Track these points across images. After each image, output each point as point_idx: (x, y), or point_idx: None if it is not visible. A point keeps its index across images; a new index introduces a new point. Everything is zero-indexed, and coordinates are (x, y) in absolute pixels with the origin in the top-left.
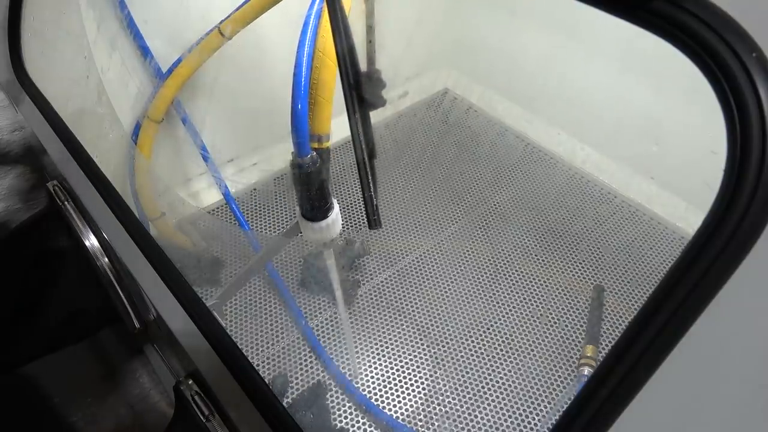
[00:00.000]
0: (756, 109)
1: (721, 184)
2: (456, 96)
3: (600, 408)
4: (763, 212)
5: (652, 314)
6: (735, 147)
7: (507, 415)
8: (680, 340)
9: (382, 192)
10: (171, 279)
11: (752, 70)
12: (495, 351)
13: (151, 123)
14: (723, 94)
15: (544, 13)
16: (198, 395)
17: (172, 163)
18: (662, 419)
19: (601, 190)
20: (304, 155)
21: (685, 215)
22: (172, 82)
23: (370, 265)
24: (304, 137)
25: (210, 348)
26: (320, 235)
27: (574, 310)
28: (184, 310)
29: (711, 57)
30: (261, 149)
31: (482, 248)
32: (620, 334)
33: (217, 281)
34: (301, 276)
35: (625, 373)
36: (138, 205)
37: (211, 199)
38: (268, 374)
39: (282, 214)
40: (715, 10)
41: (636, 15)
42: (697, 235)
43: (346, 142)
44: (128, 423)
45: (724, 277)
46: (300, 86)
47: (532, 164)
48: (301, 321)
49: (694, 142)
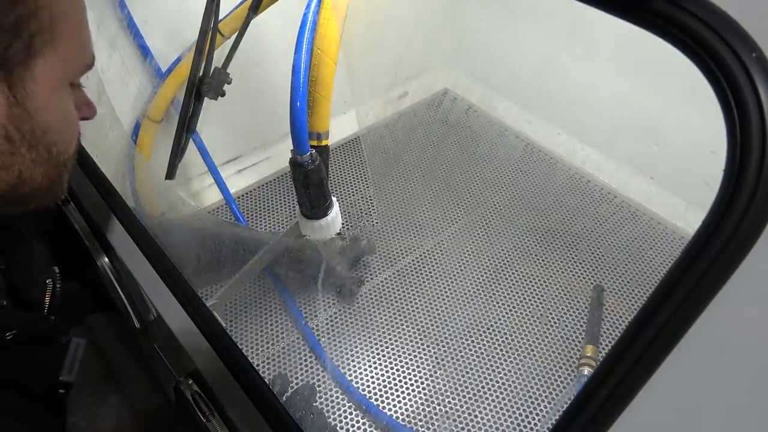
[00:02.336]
0: (756, 109)
1: (721, 184)
2: (456, 96)
3: (600, 408)
4: (763, 212)
5: (652, 314)
6: (735, 147)
7: (507, 415)
8: (680, 340)
9: (382, 192)
10: (171, 279)
11: (752, 70)
12: (495, 351)
13: (151, 123)
14: (723, 94)
15: (544, 13)
16: (198, 395)
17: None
18: (662, 419)
19: (601, 190)
20: (304, 153)
21: (685, 215)
22: (171, 82)
23: (371, 265)
24: (303, 135)
25: (210, 348)
26: (320, 233)
27: (574, 310)
28: (184, 310)
29: (711, 57)
30: (261, 149)
31: (482, 248)
32: (620, 334)
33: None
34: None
35: (625, 373)
36: (138, 204)
37: (211, 199)
38: (268, 374)
39: (282, 214)
40: (715, 10)
41: (635, 15)
42: (697, 235)
43: (346, 141)
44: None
45: (724, 277)
46: (298, 84)
47: (532, 164)
48: (301, 321)
49: (694, 142)
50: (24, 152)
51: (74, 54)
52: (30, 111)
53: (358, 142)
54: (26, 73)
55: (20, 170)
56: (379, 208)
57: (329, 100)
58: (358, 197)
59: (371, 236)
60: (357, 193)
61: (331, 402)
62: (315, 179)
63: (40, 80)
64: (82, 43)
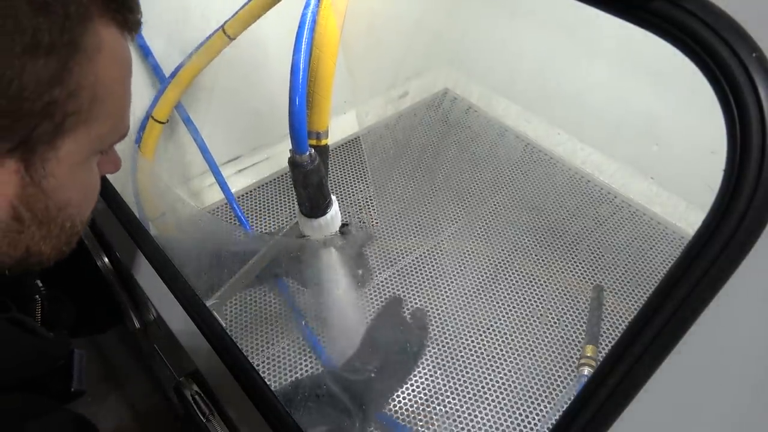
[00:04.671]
0: (756, 109)
1: (721, 184)
2: (456, 96)
3: (600, 408)
4: (763, 212)
5: (652, 314)
6: (735, 147)
7: (507, 415)
8: (680, 340)
9: (382, 192)
10: (171, 279)
11: (752, 70)
12: (495, 351)
13: (156, 124)
14: (723, 94)
15: (544, 13)
16: (198, 395)
17: (173, 162)
18: (662, 419)
19: (601, 190)
20: (303, 153)
21: (685, 215)
22: (177, 84)
23: (371, 265)
24: (302, 134)
25: (210, 348)
26: (320, 231)
27: (574, 310)
28: (184, 310)
29: (711, 57)
30: (262, 149)
31: (482, 248)
32: (620, 334)
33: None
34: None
35: (625, 373)
36: (139, 204)
37: (212, 199)
38: (268, 374)
39: (282, 214)
40: (715, 9)
41: (636, 15)
42: (697, 235)
43: (346, 141)
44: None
45: (724, 277)
46: (297, 83)
47: (532, 164)
48: (301, 321)
49: (694, 142)
50: (34, 230)
51: (110, 130)
52: (47, 191)
53: (358, 142)
54: (50, 153)
55: (28, 246)
56: (379, 208)
57: (328, 99)
58: (358, 197)
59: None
60: (357, 193)
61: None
62: (314, 179)
63: (63, 159)
64: (120, 118)
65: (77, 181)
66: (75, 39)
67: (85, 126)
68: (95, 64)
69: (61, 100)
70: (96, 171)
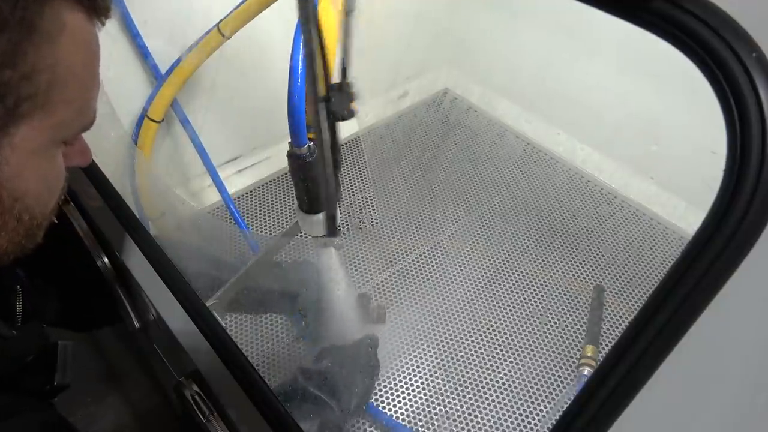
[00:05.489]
0: (756, 109)
1: (721, 184)
2: (456, 96)
3: (600, 408)
4: (763, 212)
5: (652, 314)
6: (735, 147)
7: (507, 415)
8: (680, 340)
9: (382, 192)
10: (171, 279)
11: (752, 70)
12: (495, 351)
13: (151, 123)
14: (723, 94)
15: (544, 13)
16: (198, 395)
17: (172, 163)
18: (662, 419)
19: (601, 190)
20: (301, 145)
21: (685, 215)
22: (172, 82)
23: (371, 265)
24: (300, 127)
25: (210, 348)
26: (318, 227)
27: (574, 310)
28: (184, 310)
29: (711, 57)
30: (260, 149)
31: (482, 248)
32: (620, 334)
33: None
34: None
35: (625, 373)
36: (138, 204)
37: (211, 199)
38: (268, 374)
39: (281, 214)
40: (715, 10)
41: (636, 15)
42: (697, 235)
43: (346, 141)
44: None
45: (724, 277)
46: (296, 77)
47: (532, 164)
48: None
49: (694, 142)
50: None
51: (71, 117)
52: (0, 180)
53: (358, 142)
54: (4, 139)
55: None
56: (379, 208)
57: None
58: (358, 197)
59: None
60: (357, 193)
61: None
62: (313, 171)
63: (19, 146)
64: (84, 105)
65: (36, 171)
66: (29, 18)
67: (43, 112)
68: (55, 46)
69: (14, 83)
70: (59, 161)
